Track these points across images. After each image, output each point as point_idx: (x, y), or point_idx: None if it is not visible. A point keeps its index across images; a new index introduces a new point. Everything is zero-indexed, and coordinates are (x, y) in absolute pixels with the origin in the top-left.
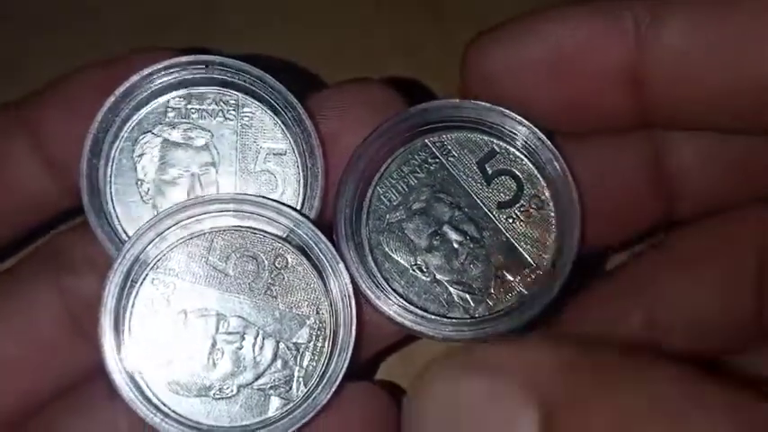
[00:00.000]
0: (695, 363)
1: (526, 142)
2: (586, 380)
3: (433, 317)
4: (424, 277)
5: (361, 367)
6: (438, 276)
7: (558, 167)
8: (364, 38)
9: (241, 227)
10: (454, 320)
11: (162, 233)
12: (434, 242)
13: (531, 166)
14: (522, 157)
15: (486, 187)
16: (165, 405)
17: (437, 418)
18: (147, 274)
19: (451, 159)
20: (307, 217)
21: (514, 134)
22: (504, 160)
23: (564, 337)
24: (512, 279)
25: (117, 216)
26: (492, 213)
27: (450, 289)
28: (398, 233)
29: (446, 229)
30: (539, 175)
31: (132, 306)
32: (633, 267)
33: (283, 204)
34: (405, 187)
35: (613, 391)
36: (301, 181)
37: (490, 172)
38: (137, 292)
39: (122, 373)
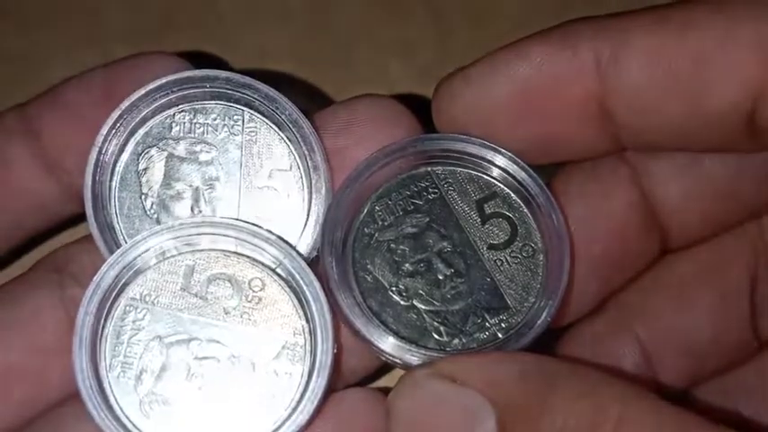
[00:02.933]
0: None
1: (528, 191)
2: (538, 390)
3: (403, 342)
4: (401, 301)
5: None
6: (416, 303)
7: (555, 221)
8: (364, 38)
9: (214, 250)
10: (425, 350)
11: (137, 257)
12: (420, 269)
13: (528, 214)
14: (522, 204)
15: (480, 226)
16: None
17: (411, 421)
18: (120, 300)
19: (451, 193)
20: (281, 238)
21: (518, 181)
22: (503, 204)
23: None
24: (489, 320)
25: (121, 230)
26: (482, 253)
27: (426, 317)
28: (385, 253)
29: (434, 259)
30: (534, 225)
31: (107, 332)
32: (624, 296)
33: (251, 224)
34: (400, 211)
35: (561, 400)
36: (305, 197)
37: (487, 212)
38: (111, 318)
39: (96, 400)
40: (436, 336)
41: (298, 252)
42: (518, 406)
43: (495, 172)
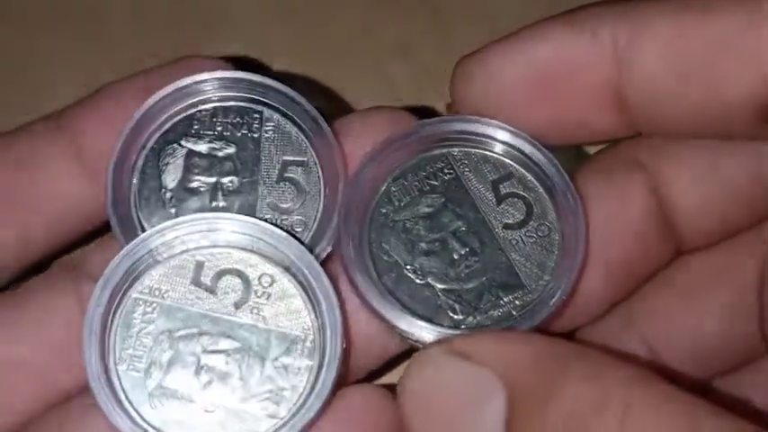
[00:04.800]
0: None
1: (544, 171)
2: (548, 372)
3: (418, 319)
4: (416, 279)
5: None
6: (431, 281)
7: (570, 200)
8: (364, 38)
9: (225, 246)
10: (440, 327)
11: (149, 252)
12: (435, 248)
13: (544, 194)
14: (537, 184)
15: (495, 206)
16: (151, 425)
17: (423, 396)
18: (131, 293)
19: (467, 173)
20: (292, 235)
21: (534, 162)
22: (519, 184)
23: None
24: (504, 298)
25: (140, 223)
26: (497, 232)
27: (440, 295)
28: (400, 233)
29: (449, 238)
30: (550, 205)
31: (116, 325)
32: (633, 298)
33: (263, 221)
34: (416, 191)
35: (570, 383)
36: (321, 192)
37: (503, 193)
38: (121, 311)
39: (105, 392)
40: (451, 313)
41: (309, 249)
42: (528, 387)
43: (511, 153)
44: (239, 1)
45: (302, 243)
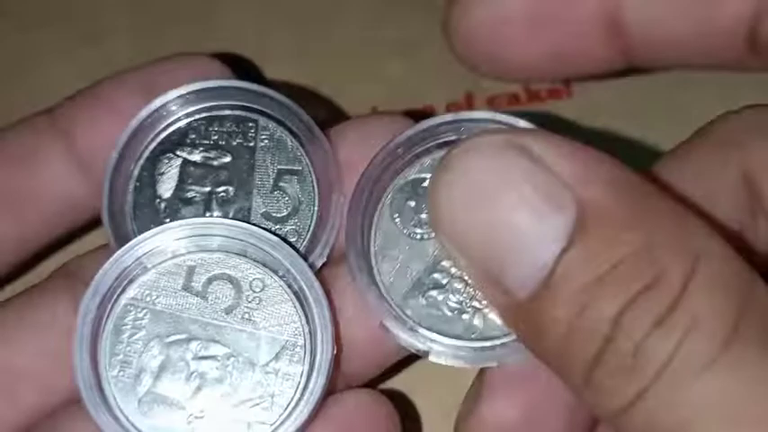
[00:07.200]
0: None
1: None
2: (629, 200)
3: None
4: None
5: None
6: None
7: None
8: (364, 38)
9: (216, 251)
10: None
11: (139, 258)
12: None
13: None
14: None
15: None
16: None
17: (466, 190)
18: (121, 299)
19: None
20: (285, 240)
21: None
22: None
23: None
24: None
25: (135, 231)
26: None
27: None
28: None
29: None
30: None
31: (107, 331)
32: None
33: (253, 225)
34: None
35: (651, 216)
36: (315, 201)
37: None
38: (112, 317)
39: (95, 398)
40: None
41: (301, 255)
42: (604, 210)
43: None
44: (238, 2)
45: (295, 249)
